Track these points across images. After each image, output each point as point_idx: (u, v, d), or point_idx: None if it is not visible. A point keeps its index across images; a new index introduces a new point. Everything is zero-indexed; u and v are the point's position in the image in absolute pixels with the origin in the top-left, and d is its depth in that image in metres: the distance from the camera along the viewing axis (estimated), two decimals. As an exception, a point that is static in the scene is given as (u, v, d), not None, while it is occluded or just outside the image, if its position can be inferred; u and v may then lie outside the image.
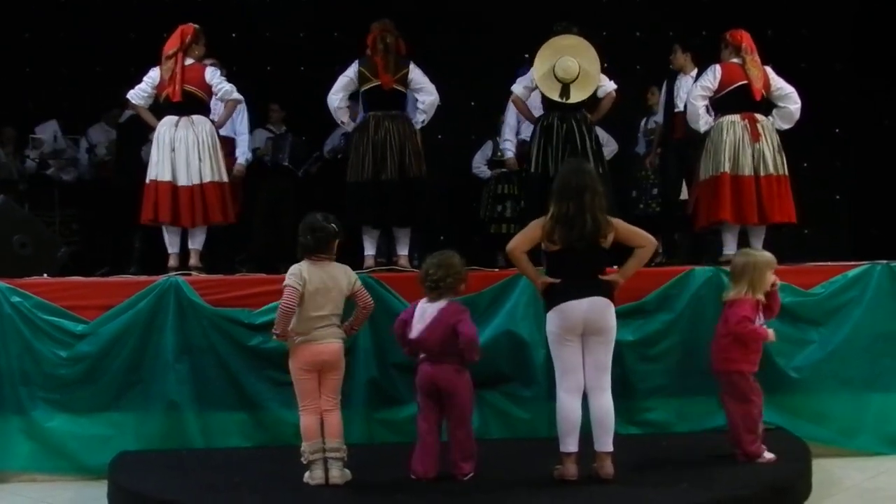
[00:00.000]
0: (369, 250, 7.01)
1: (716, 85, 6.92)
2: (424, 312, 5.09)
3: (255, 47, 10.18)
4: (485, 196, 9.22)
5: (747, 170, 6.78)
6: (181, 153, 6.85)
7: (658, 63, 8.68)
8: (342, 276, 5.14)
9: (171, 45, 7.02)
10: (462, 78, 9.57)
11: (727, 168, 6.79)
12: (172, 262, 6.94)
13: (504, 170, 8.96)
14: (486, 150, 9.35)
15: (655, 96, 8.89)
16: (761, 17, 9.68)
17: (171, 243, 7.00)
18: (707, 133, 7.00)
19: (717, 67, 6.98)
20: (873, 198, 10.05)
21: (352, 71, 6.96)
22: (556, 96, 6.81)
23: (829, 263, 6.69)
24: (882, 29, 10.14)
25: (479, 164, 9.37)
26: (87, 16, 10.21)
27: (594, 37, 7.06)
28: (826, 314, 6.35)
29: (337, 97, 7.01)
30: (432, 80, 7.06)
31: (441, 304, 5.08)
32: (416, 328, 5.08)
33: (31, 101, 10.19)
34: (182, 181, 6.85)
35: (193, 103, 6.98)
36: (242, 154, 8.31)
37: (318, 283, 5.07)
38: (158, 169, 6.86)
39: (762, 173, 6.80)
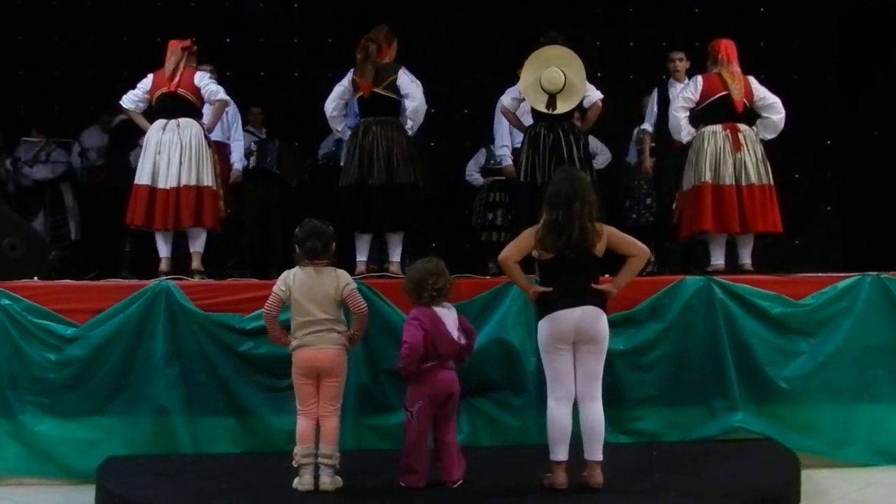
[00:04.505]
0: (361, 255, 7.00)
1: (697, 96, 7.00)
2: (453, 319, 5.14)
3: (249, 53, 10.18)
4: (477, 204, 9.22)
5: (728, 179, 6.83)
6: (164, 156, 6.89)
7: (651, 73, 8.71)
8: (331, 281, 5.13)
9: (180, 42, 7.08)
10: (455, 85, 9.60)
11: (708, 178, 6.84)
12: (163, 266, 6.94)
13: (497, 177, 8.97)
14: (479, 157, 9.35)
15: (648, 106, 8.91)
16: (754, 28, 9.74)
17: (162, 248, 7.00)
18: (690, 144, 7.04)
19: (699, 79, 7.05)
20: (864, 209, 10.07)
21: (346, 80, 6.98)
22: (542, 107, 6.82)
23: (820, 274, 6.71)
24: (870, 38, 10.18)
25: (472, 172, 9.38)
26: (80, 19, 10.20)
27: (587, 47, 7.09)
28: (816, 325, 6.36)
29: (331, 105, 7.04)
30: (425, 88, 7.06)
31: (452, 309, 5.17)
32: (457, 335, 5.10)
33: (22, 105, 10.17)
34: (161, 184, 6.88)
35: (183, 106, 7.01)
36: (239, 160, 8.44)
37: (303, 288, 5.09)
38: (140, 173, 6.93)
39: (744, 183, 6.85)
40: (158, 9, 10.19)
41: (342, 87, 7.00)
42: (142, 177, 6.91)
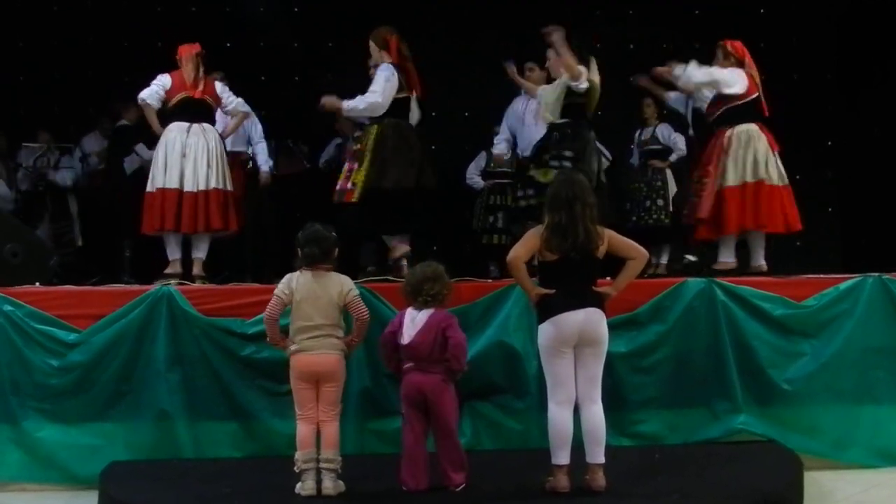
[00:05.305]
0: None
1: (744, 90, 6.98)
2: (414, 319, 5.10)
3: (249, 56, 10.18)
4: (477, 206, 9.22)
5: (776, 178, 6.94)
6: (190, 159, 6.92)
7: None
8: (334, 286, 5.14)
9: (192, 48, 7.11)
10: (455, 86, 9.59)
11: (762, 175, 6.91)
12: (175, 269, 6.95)
13: (497, 180, 8.97)
14: (480, 160, 9.36)
15: (651, 108, 8.91)
16: (753, 28, 9.73)
17: (173, 251, 7.03)
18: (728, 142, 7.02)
19: (744, 73, 7.03)
20: (864, 209, 10.08)
21: (396, 78, 6.84)
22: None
23: (821, 276, 6.71)
24: (869, 37, 10.18)
25: (473, 175, 9.39)
26: (80, 23, 10.20)
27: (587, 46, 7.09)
28: (818, 326, 6.36)
29: (388, 101, 6.85)
30: (426, 89, 7.08)
31: (429, 310, 5.11)
32: (408, 334, 5.07)
33: (22, 109, 10.16)
34: (189, 187, 6.92)
35: (204, 112, 7.11)
36: (265, 162, 8.52)
37: (305, 292, 5.09)
38: (167, 176, 6.91)
39: (785, 182, 6.99)
40: (158, 13, 10.19)
41: (397, 82, 6.85)
42: (170, 180, 6.90)
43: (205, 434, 6.03)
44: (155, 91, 7.05)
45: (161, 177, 6.93)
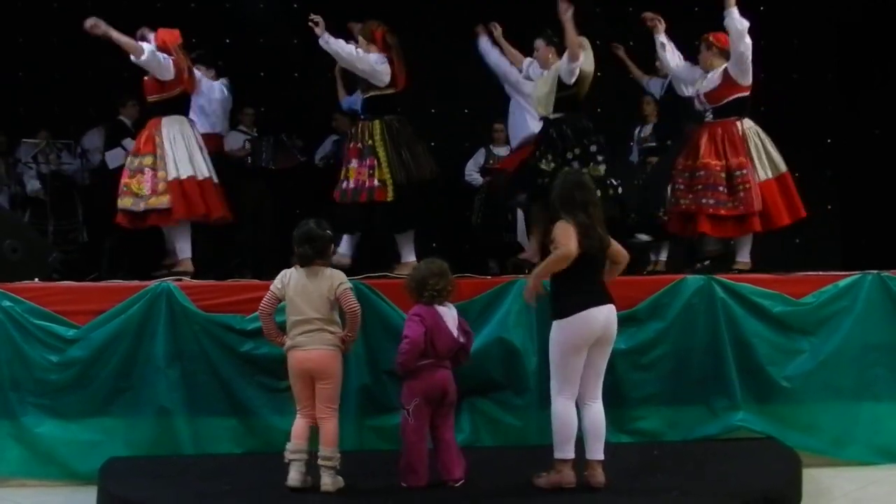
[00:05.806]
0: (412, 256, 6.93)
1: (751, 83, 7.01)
2: (452, 317, 5.16)
3: (248, 53, 10.18)
4: (476, 203, 9.22)
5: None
6: (199, 152, 6.99)
7: (651, 73, 8.70)
8: (325, 280, 5.12)
9: (176, 35, 7.12)
10: (455, 85, 9.58)
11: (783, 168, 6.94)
12: (187, 267, 6.94)
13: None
14: (479, 157, 9.37)
15: (651, 105, 8.90)
16: (753, 28, 9.73)
17: (186, 248, 7.03)
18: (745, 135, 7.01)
19: None
20: (864, 208, 10.08)
21: (387, 68, 6.80)
22: None
23: (820, 273, 6.72)
24: (869, 38, 10.19)
25: (472, 172, 9.39)
26: (80, 20, 10.17)
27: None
28: (817, 324, 6.37)
29: (364, 69, 6.82)
30: (425, 87, 7.07)
31: (453, 308, 5.18)
32: (456, 332, 5.12)
33: (22, 107, 10.15)
34: (215, 178, 7.03)
35: (189, 104, 7.15)
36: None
37: (298, 287, 5.11)
38: (195, 165, 6.91)
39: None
40: (158, 9, 10.18)
41: (388, 76, 6.80)
42: (200, 171, 6.91)
43: (204, 430, 6.03)
44: (157, 57, 6.86)
45: (187, 166, 6.87)
